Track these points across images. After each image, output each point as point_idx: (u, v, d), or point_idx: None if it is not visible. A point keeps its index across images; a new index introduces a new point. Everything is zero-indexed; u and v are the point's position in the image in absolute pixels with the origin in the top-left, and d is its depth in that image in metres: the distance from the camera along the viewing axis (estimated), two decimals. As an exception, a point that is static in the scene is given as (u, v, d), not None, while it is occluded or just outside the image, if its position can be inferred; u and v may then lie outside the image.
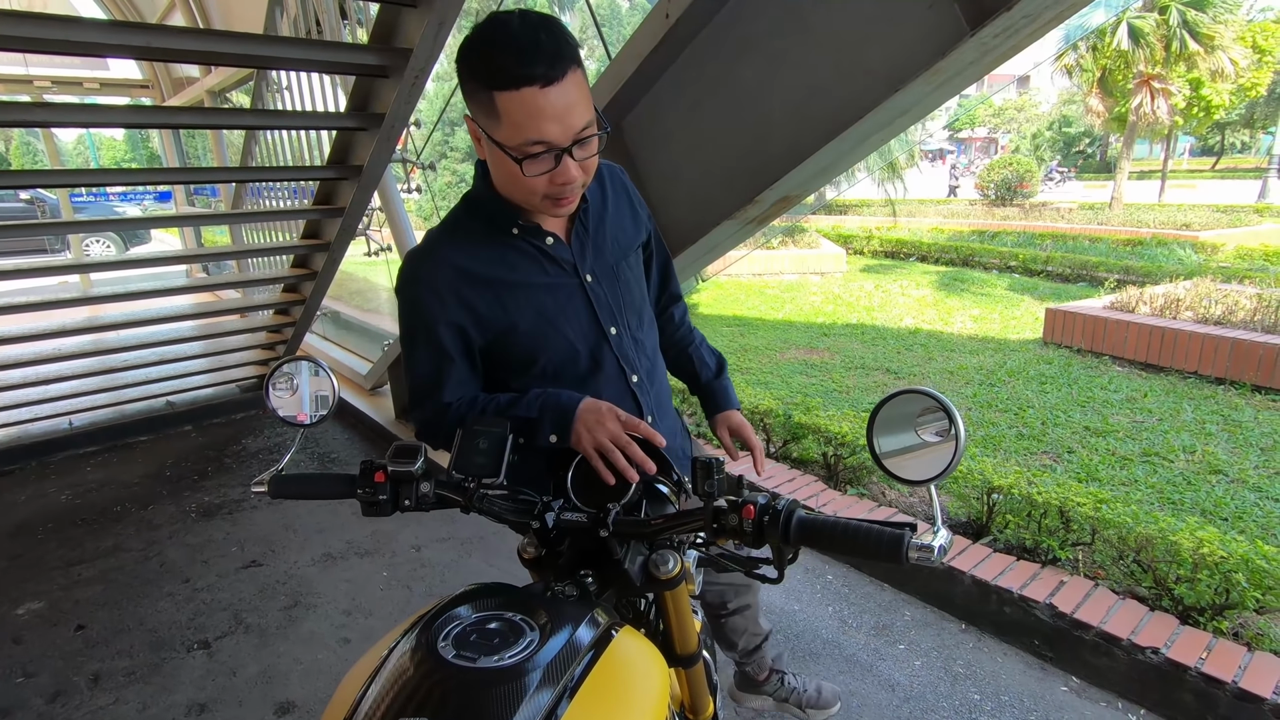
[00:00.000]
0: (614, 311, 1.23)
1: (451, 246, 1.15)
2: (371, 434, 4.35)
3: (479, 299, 1.14)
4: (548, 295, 1.18)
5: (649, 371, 1.31)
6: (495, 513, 1.02)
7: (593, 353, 1.22)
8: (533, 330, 1.18)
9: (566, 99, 0.94)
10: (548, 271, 1.18)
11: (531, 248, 1.16)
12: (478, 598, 0.87)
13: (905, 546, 0.76)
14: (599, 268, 1.22)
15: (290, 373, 1.05)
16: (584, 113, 0.97)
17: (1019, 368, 5.06)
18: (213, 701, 2.22)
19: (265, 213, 4.12)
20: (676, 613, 1.12)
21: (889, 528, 0.80)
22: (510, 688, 0.71)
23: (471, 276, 1.13)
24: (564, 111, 0.95)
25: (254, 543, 3.14)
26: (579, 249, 1.20)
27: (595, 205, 1.23)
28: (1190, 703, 2.04)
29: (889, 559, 0.77)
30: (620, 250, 1.26)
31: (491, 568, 2.90)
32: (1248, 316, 4.85)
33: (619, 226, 1.27)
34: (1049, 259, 8.88)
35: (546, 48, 0.92)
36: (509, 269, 1.16)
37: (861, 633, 2.49)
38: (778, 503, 0.85)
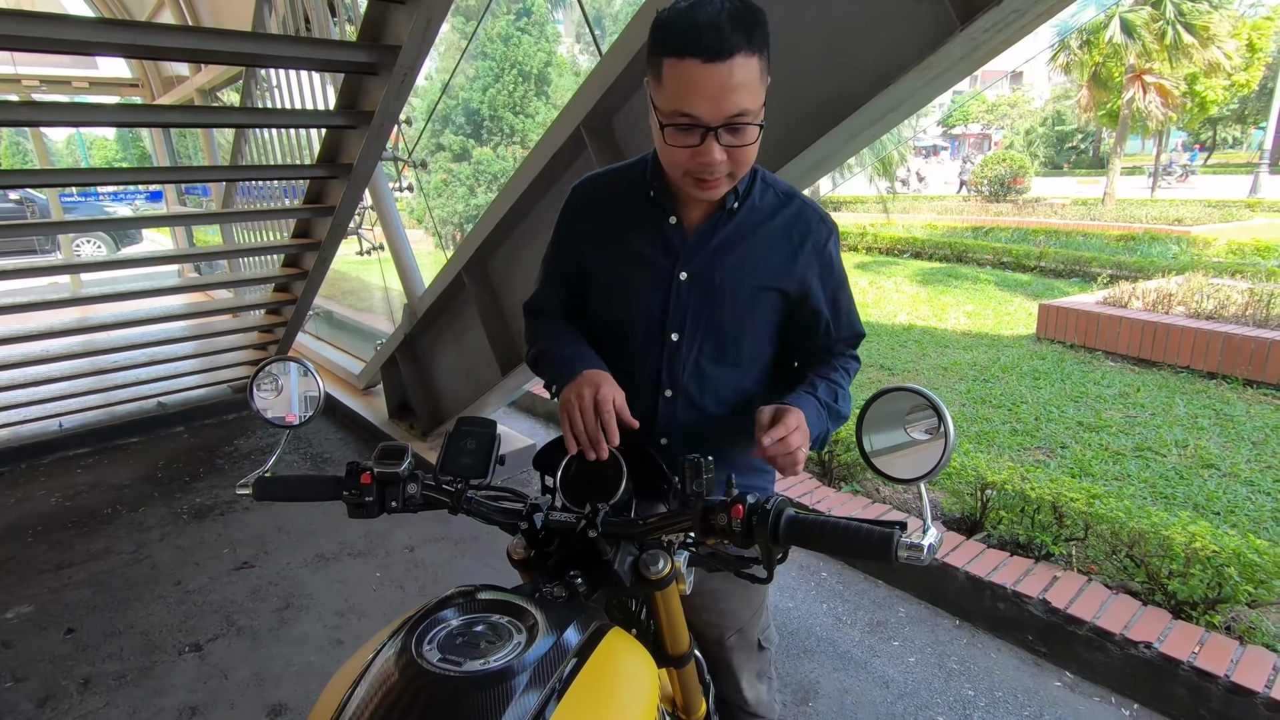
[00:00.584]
0: (686, 321, 1.17)
1: (600, 182, 1.25)
2: (365, 434, 4.33)
3: (589, 235, 1.23)
4: (638, 266, 1.18)
5: (699, 405, 1.21)
6: (483, 514, 1.02)
7: (645, 345, 1.20)
8: (607, 288, 1.23)
9: (726, 80, 0.93)
10: (653, 246, 1.17)
11: (654, 216, 1.17)
12: (464, 600, 0.86)
13: (894, 546, 0.75)
14: (702, 274, 1.15)
15: (275, 373, 1.04)
16: (743, 100, 0.95)
17: (1012, 363, 5.07)
18: (204, 704, 2.20)
19: (255, 212, 4.09)
20: (667, 613, 1.11)
21: (878, 526, 0.79)
22: (495, 692, 0.70)
23: (594, 213, 1.23)
24: (719, 91, 0.94)
25: (246, 544, 3.12)
26: (695, 244, 1.16)
27: (747, 219, 1.16)
28: (1183, 697, 2.04)
29: (878, 558, 0.76)
30: (740, 277, 1.16)
31: (485, 568, 2.89)
32: (1239, 311, 4.86)
33: (759, 257, 1.16)
34: (1042, 255, 8.90)
35: (723, 26, 0.91)
36: (624, 224, 1.19)
37: (856, 629, 2.49)
38: (767, 502, 0.84)
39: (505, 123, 13.32)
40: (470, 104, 13.55)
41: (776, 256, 1.17)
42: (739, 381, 1.23)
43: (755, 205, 1.17)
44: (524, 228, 2.79)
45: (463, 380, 3.54)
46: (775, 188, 1.19)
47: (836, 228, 1.23)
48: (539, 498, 1.06)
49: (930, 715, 2.11)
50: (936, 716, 2.10)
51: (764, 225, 1.16)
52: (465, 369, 3.46)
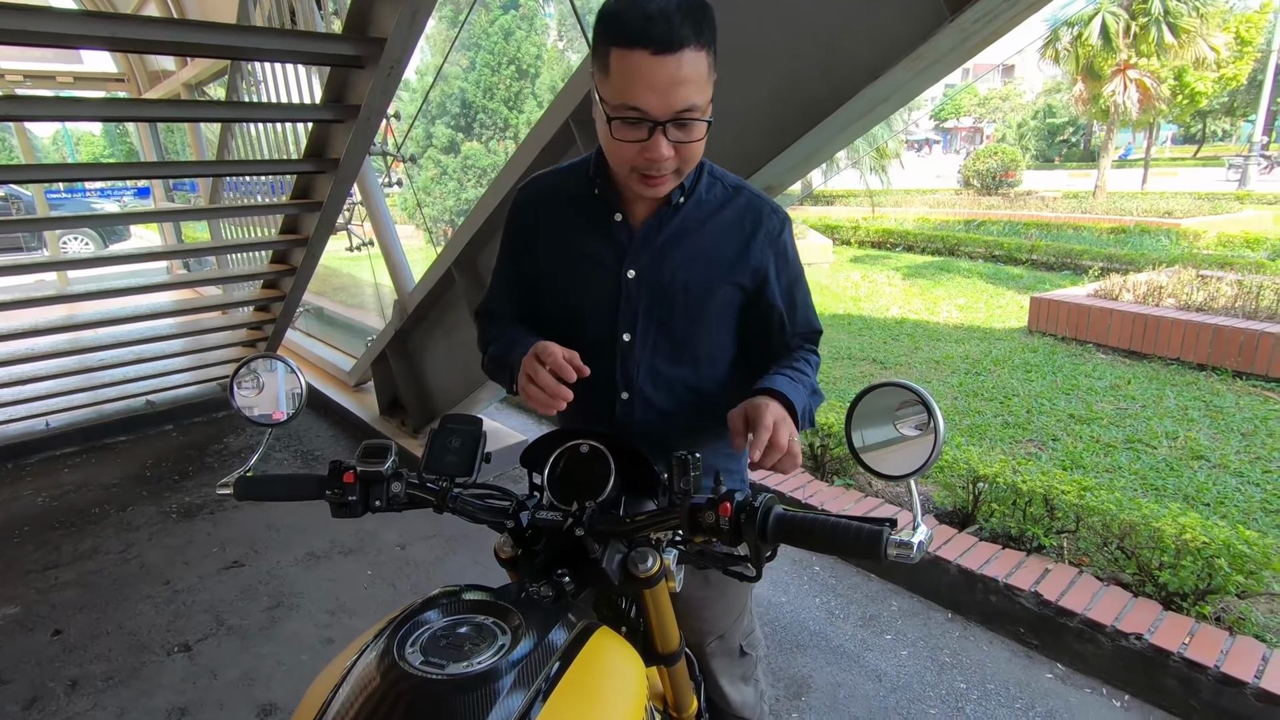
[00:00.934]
0: (637, 320, 1.15)
1: (545, 182, 1.23)
2: (356, 430, 4.31)
3: (536, 236, 1.21)
4: (586, 266, 1.16)
5: (656, 406, 1.19)
6: (469, 512, 1.00)
7: (597, 347, 1.18)
8: (557, 289, 1.21)
9: (675, 74, 0.92)
10: (600, 244, 1.15)
11: (600, 213, 1.15)
12: (448, 600, 0.85)
13: (884, 544, 0.75)
14: (650, 271, 1.13)
15: (257, 371, 1.02)
16: (691, 94, 0.94)
17: (1004, 356, 5.08)
18: (193, 705, 2.18)
19: (242, 207, 4.05)
20: (656, 611, 1.10)
21: (868, 524, 0.78)
22: (478, 695, 0.69)
23: (540, 213, 1.21)
24: (667, 85, 0.92)
25: (236, 543, 3.10)
26: (641, 241, 1.13)
27: (694, 213, 1.13)
28: (1174, 688, 2.05)
29: (867, 556, 0.76)
30: (690, 273, 1.13)
31: (477, 565, 2.87)
32: (1228, 303, 4.89)
33: (708, 252, 1.13)
34: (1034, 248, 8.93)
35: (673, 18, 0.90)
36: (570, 223, 1.18)
37: (849, 623, 2.49)
38: (755, 499, 0.83)
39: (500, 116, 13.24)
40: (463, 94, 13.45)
41: (727, 250, 1.14)
42: (696, 381, 1.21)
43: (702, 199, 1.14)
44: (514, 222, 2.77)
45: (454, 376, 3.52)
46: (723, 181, 1.17)
47: (789, 219, 1.20)
48: (527, 496, 1.05)
49: (923, 709, 2.11)
50: (929, 710, 2.11)
51: (712, 219, 1.14)
52: (456, 365, 3.43)
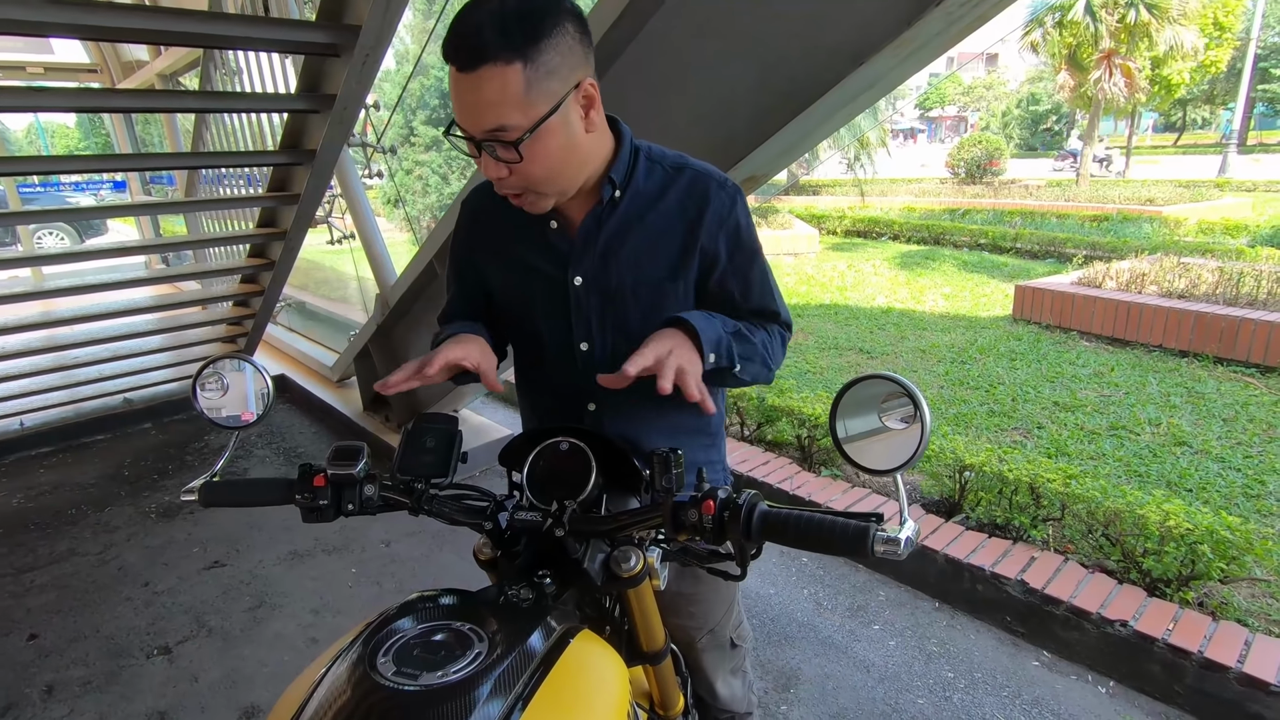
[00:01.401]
0: (592, 327, 1.11)
1: (487, 192, 1.16)
2: (339, 427, 4.25)
3: (481, 251, 1.18)
4: (532, 278, 1.12)
5: (624, 415, 1.15)
6: (445, 514, 0.98)
7: (558, 359, 1.15)
8: (508, 304, 1.18)
9: (475, 94, 0.86)
10: (541, 254, 1.11)
11: (537, 222, 1.09)
12: (425, 606, 0.82)
13: (870, 540, 0.73)
14: (597, 275, 1.08)
15: (220, 372, 0.98)
16: (498, 115, 0.86)
17: (989, 345, 5.10)
18: (174, 709, 2.15)
19: (217, 200, 3.97)
20: (641, 611, 1.08)
21: (854, 519, 0.76)
22: (452, 706, 0.67)
23: (483, 227, 1.17)
24: (471, 105, 0.87)
25: (217, 543, 3.05)
26: (580, 247, 1.07)
27: (632, 206, 1.06)
28: (1158, 673, 2.06)
29: (854, 553, 0.74)
30: (637, 272, 1.07)
31: (463, 561, 2.83)
32: (1210, 290, 4.93)
33: (653, 246, 1.07)
34: (1018, 236, 8.97)
35: (482, 32, 0.83)
36: (511, 234, 1.13)
37: (836, 614, 2.49)
38: (739, 497, 0.81)
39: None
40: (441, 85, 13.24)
41: (673, 240, 1.07)
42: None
43: (639, 189, 1.06)
44: (495, 214, 2.72)
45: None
46: (662, 163, 1.08)
47: (740, 193, 1.10)
48: (506, 495, 1.02)
49: (911, 698, 2.11)
50: (917, 699, 2.11)
51: (654, 208, 1.06)
52: (439, 359, 3.39)
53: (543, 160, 0.92)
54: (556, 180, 0.97)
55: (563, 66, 0.88)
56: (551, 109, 0.89)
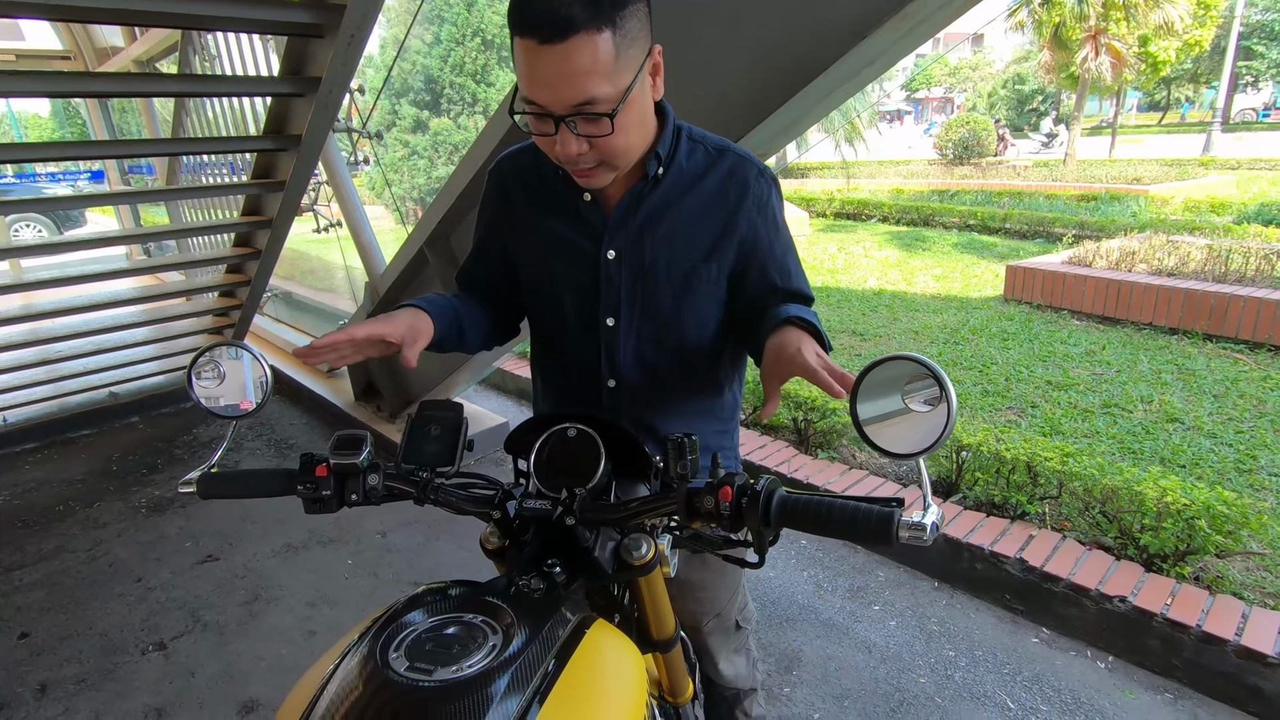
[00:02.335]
0: (620, 303, 1.09)
1: (517, 160, 1.15)
2: (331, 417, 4.21)
3: (509, 219, 1.16)
4: (561, 250, 1.10)
5: (644, 394, 1.14)
6: (451, 503, 0.95)
7: (581, 333, 1.13)
8: (533, 275, 1.16)
9: (563, 66, 0.82)
10: (572, 226, 1.09)
11: (569, 194, 1.08)
12: (434, 599, 0.80)
13: (895, 526, 0.71)
14: (630, 252, 1.06)
15: (216, 359, 0.95)
16: (588, 86, 0.83)
17: (982, 325, 5.11)
18: (171, 705, 2.12)
19: (200, 188, 3.88)
20: (651, 598, 1.06)
21: (876, 505, 0.74)
22: (469, 702, 0.64)
23: (512, 195, 1.14)
24: (556, 79, 0.84)
25: (210, 537, 3.01)
26: (617, 221, 1.06)
27: (675, 184, 1.05)
28: (1156, 648, 2.08)
29: (878, 540, 0.72)
30: (673, 251, 1.06)
31: (461, 549, 2.82)
32: (1198, 267, 4.96)
33: (692, 227, 1.06)
34: (1007, 216, 8.98)
35: (570, 2, 0.80)
36: (541, 205, 1.11)
37: (837, 596, 2.49)
38: (757, 482, 0.79)
39: (467, 90, 12.89)
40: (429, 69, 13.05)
41: (711, 222, 1.06)
42: (684, 363, 1.15)
43: (682, 168, 1.05)
44: (487, 199, 2.67)
45: (429, 360, 3.41)
46: (705, 144, 1.08)
47: (777, 182, 1.11)
48: (513, 483, 1.00)
49: (913, 678, 2.12)
50: (919, 678, 2.12)
51: (694, 189, 1.05)
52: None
53: (626, 132, 0.91)
54: (633, 151, 0.96)
55: (641, 32, 0.87)
56: (634, 76, 0.87)
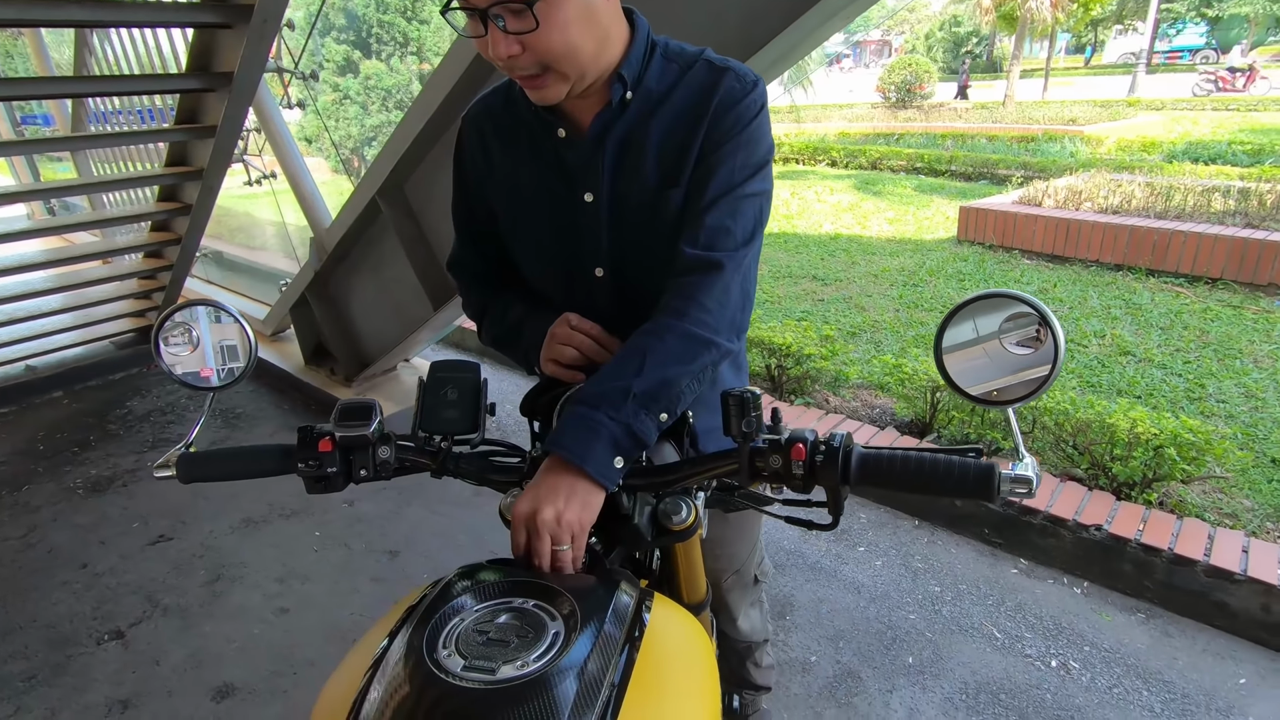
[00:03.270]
0: (607, 249, 0.97)
1: (488, 105, 1.03)
2: (278, 383, 3.97)
3: (485, 171, 1.03)
4: (540, 198, 0.98)
5: None
6: (474, 474, 0.85)
7: (572, 288, 1.02)
8: (516, 229, 1.03)
9: None
10: (549, 169, 0.96)
11: (542, 132, 0.95)
12: (473, 584, 0.71)
13: (996, 481, 0.65)
14: (610, 189, 0.94)
15: (186, 321, 0.81)
16: None
17: (938, 267, 5.18)
18: (136, 696, 1.98)
19: (117, 135, 3.50)
20: (688, 562, 1.00)
21: (962, 457, 0.68)
22: (543, 703, 0.56)
23: (487, 143, 1.02)
24: None
25: (159, 515, 2.81)
26: (584, 157, 0.93)
27: (643, 108, 0.92)
28: (1129, 571, 2.17)
29: (977, 495, 0.66)
30: (649, 185, 0.93)
31: (436, 515, 2.72)
32: (1141, 205, 5.11)
33: (665, 155, 0.92)
34: (952, 159, 9.09)
35: None
36: (517, 150, 0.99)
37: (822, 539, 2.51)
38: (832, 439, 0.72)
39: (396, 29, 12.06)
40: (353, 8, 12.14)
41: (683, 141, 0.91)
42: None
43: (651, 90, 0.92)
44: (445, 142, 2.48)
45: (387, 318, 3.24)
46: (679, 60, 0.93)
47: (762, 86, 0.92)
48: (532, 448, 0.90)
49: (903, 615, 2.16)
50: (909, 615, 2.15)
51: (662, 108, 0.92)
52: (389, 305, 3.16)
53: (560, 28, 0.79)
54: (577, 56, 0.82)
55: None
56: None
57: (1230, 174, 6.37)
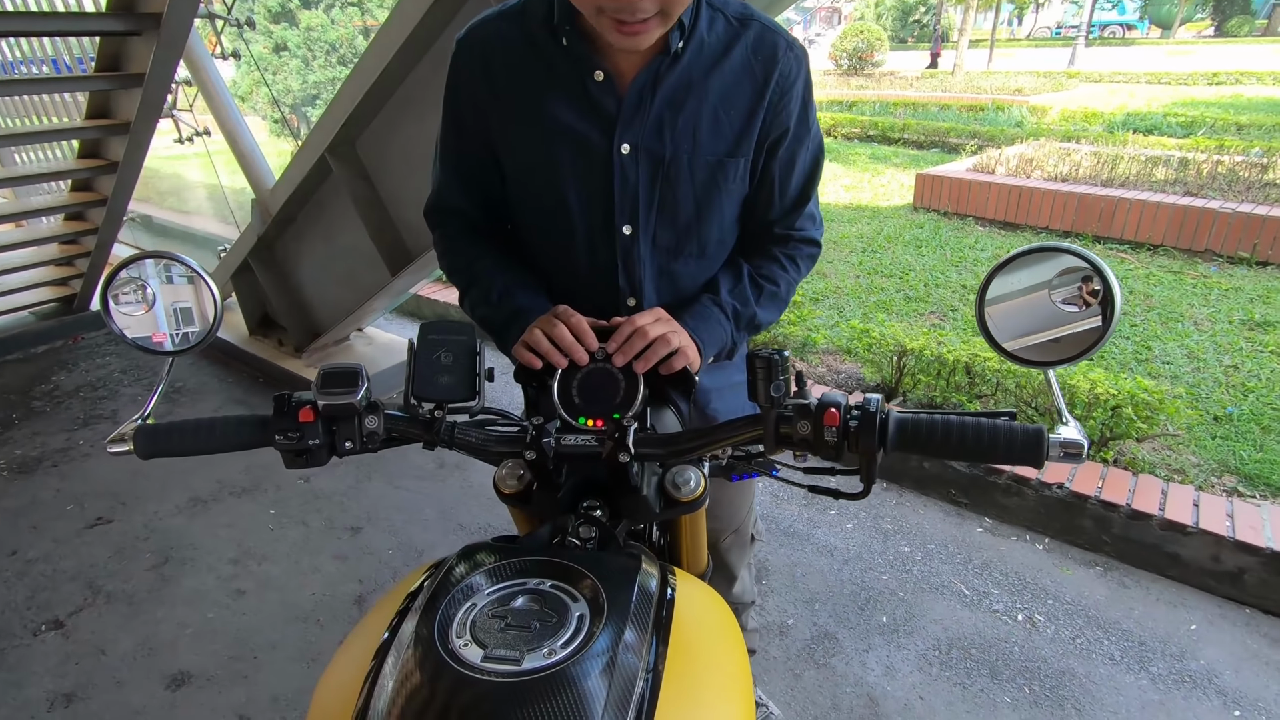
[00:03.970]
0: (639, 207, 0.92)
1: (494, 28, 0.92)
2: (223, 355, 3.75)
3: (489, 104, 0.93)
4: (563, 142, 0.90)
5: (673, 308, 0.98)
6: (472, 445, 0.78)
7: (592, 245, 0.94)
8: (527, 174, 0.95)
9: None
10: (579, 112, 0.88)
11: (574, 70, 0.87)
12: (483, 562, 0.64)
13: (1046, 445, 0.62)
14: (649, 143, 0.89)
15: (141, 278, 0.70)
16: None
17: (895, 233, 5.22)
18: (82, 688, 1.86)
19: (27, 81, 3.19)
20: (694, 533, 0.96)
21: (1006, 420, 0.65)
22: (575, 694, 0.51)
23: (491, 72, 0.92)
24: None
25: (95, 497, 2.63)
26: (632, 105, 0.87)
27: (696, 62, 0.88)
28: (1089, 527, 2.24)
29: (1024, 461, 0.63)
30: (696, 141, 0.90)
31: (398, 490, 2.62)
32: (1088, 173, 5.24)
33: (717, 111, 0.90)
34: (905, 126, 9.15)
35: None
36: (535, 84, 0.90)
37: (793, 504, 2.52)
38: (867, 403, 0.67)
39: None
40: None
41: (738, 105, 0.91)
42: (705, 275, 1.01)
43: (704, 41, 0.89)
44: (401, 96, 2.33)
45: (339, 285, 3.08)
46: (724, 11, 0.92)
47: (807, 57, 0.96)
48: (529, 416, 0.84)
49: (876, 575, 2.19)
50: (881, 575, 2.19)
51: (718, 67, 0.90)
52: (342, 271, 3.00)
53: None
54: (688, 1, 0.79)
55: None
56: None
57: (1168, 144, 6.59)
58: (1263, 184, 4.85)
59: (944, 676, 1.83)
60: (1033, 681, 1.81)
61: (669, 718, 0.53)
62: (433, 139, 1.01)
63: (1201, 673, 1.82)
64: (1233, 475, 2.38)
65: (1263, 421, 2.67)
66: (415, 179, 2.42)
